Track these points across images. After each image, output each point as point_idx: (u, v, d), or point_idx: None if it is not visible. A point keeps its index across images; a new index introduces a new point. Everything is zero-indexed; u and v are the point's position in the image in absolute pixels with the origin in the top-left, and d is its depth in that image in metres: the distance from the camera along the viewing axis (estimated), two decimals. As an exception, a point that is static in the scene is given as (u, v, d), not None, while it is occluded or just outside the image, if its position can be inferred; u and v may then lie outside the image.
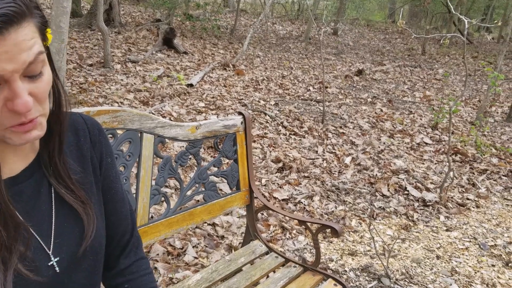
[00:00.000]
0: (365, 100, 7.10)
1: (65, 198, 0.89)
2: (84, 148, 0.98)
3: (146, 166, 1.62)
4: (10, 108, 0.70)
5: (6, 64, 0.66)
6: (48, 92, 0.77)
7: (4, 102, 0.70)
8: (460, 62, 12.10)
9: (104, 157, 1.02)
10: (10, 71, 0.67)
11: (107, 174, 1.03)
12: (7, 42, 0.65)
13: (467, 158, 4.74)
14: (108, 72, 6.41)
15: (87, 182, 0.97)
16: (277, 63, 9.38)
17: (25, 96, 0.70)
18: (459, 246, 3.09)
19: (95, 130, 1.01)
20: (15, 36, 0.66)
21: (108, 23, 9.16)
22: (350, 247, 2.93)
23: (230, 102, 5.87)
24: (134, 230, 1.13)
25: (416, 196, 3.72)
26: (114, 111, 1.49)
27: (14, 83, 0.68)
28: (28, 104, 0.70)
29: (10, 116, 0.71)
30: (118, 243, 1.09)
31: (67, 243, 0.90)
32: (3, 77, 0.67)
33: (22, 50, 0.68)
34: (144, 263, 1.14)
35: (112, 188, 1.05)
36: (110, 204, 1.04)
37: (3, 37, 0.65)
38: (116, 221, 1.06)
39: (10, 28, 0.65)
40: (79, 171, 0.95)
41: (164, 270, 2.35)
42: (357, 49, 12.98)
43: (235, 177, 2.04)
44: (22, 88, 0.70)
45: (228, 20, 14.50)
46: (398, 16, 23.38)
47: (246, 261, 1.97)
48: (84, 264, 0.93)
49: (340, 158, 4.42)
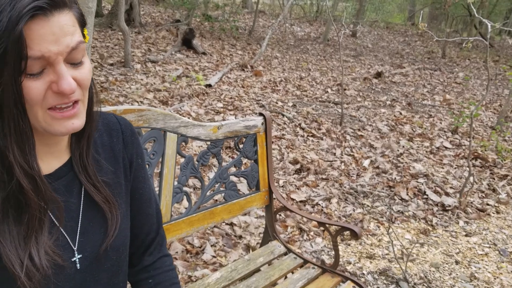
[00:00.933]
0: (384, 102, 7.05)
1: (94, 196, 0.92)
2: (116, 148, 1.00)
3: (169, 165, 1.64)
4: (55, 90, 0.73)
5: (51, 45, 0.69)
6: (89, 81, 0.80)
7: (49, 84, 0.73)
8: (480, 65, 11.93)
9: (135, 158, 1.04)
10: (55, 52, 0.70)
11: (136, 175, 1.05)
12: (51, 23, 0.69)
13: (488, 163, 4.68)
14: (129, 72, 6.49)
15: (117, 183, 0.99)
16: (295, 65, 9.37)
17: (69, 78, 0.73)
18: (478, 251, 3.05)
19: (128, 131, 1.03)
20: (58, 19, 0.70)
21: (128, 23, 9.26)
22: (368, 250, 2.92)
23: (248, 103, 5.89)
24: (160, 229, 1.14)
25: (435, 201, 3.69)
26: (139, 110, 1.51)
27: (58, 65, 0.72)
28: (72, 85, 0.73)
29: (54, 97, 0.74)
30: (143, 241, 1.11)
31: (91, 241, 0.92)
32: (48, 59, 0.70)
33: (65, 33, 0.71)
34: (168, 260, 1.16)
35: (140, 188, 1.06)
36: (136, 204, 1.06)
37: (48, 18, 0.68)
38: (141, 221, 1.08)
39: (54, 10, 0.69)
40: (110, 172, 0.97)
41: (183, 268, 2.38)
42: (376, 51, 12.89)
43: (255, 178, 2.05)
44: (65, 70, 0.73)
45: (247, 21, 14.54)
46: (418, 19, 23.15)
47: (265, 261, 1.98)
48: (106, 264, 0.95)
49: (359, 161, 4.41)
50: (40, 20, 0.68)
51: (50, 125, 0.76)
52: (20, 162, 0.74)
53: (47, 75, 0.72)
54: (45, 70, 0.72)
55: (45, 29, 0.68)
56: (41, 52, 0.68)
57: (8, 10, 0.65)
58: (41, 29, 0.68)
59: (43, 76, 0.72)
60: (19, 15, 0.65)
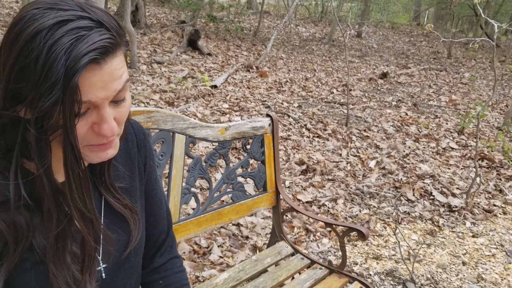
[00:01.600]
0: (389, 103, 7.04)
1: (114, 207, 0.93)
2: (132, 152, 1.01)
3: (177, 166, 1.65)
4: (97, 131, 0.74)
5: (99, 92, 0.69)
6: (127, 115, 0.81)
7: (91, 125, 0.73)
8: (486, 66, 11.88)
9: (148, 160, 1.05)
10: (101, 98, 0.70)
11: (149, 177, 1.06)
12: (103, 71, 0.69)
13: (494, 163, 4.66)
14: (135, 73, 6.51)
15: (134, 187, 1.00)
16: (300, 65, 9.37)
17: (112, 122, 0.73)
18: (485, 252, 3.04)
19: (140, 134, 1.04)
20: (110, 66, 0.70)
21: (134, 25, 9.30)
22: (374, 251, 2.92)
23: (254, 103, 5.90)
24: (170, 230, 1.16)
25: (442, 201, 3.68)
26: (148, 112, 1.53)
27: (103, 109, 0.72)
28: (114, 129, 0.74)
29: (94, 137, 0.75)
30: (155, 243, 1.12)
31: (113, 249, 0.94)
32: (94, 103, 0.70)
33: (114, 78, 0.71)
34: (178, 261, 1.17)
35: (152, 190, 1.08)
36: (149, 206, 1.07)
37: (100, 67, 0.68)
38: (153, 222, 1.09)
39: (106, 58, 0.69)
40: (127, 176, 0.98)
41: (191, 268, 2.39)
42: (381, 51, 12.87)
43: (262, 178, 2.06)
44: (109, 114, 0.73)
45: (252, 21, 14.56)
46: (423, 19, 23.09)
47: (272, 261, 1.98)
48: (125, 265, 0.97)
49: (365, 161, 4.40)
50: (93, 70, 0.67)
51: (86, 156, 0.78)
52: (78, 206, 0.76)
53: (90, 116, 0.73)
54: (89, 111, 0.72)
55: (96, 77, 0.68)
56: (88, 98, 0.68)
57: (64, 58, 0.64)
58: (93, 77, 0.68)
59: (86, 117, 0.72)
60: (75, 67, 0.64)
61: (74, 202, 0.75)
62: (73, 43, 0.64)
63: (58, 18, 0.65)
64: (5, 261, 0.76)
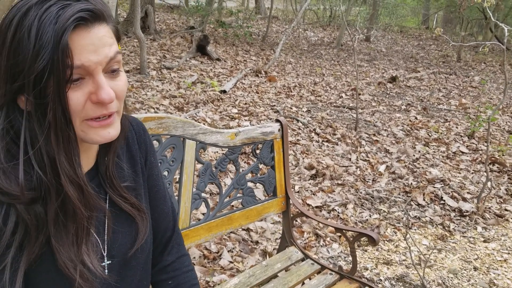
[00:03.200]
0: (399, 107, 7.01)
1: (120, 205, 0.94)
2: (133, 149, 1.02)
3: (188, 171, 1.66)
4: (94, 100, 0.76)
5: (91, 55, 0.73)
6: (125, 92, 0.83)
7: (88, 95, 0.76)
8: (496, 69, 11.80)
9: (149, 156, 1.06)
10: (94, 62, 0.73)
11: (151, 173, 1.07)
12: (92, 35, 0.73)
13: (505, 168, 4.62)
14: (144, 78, 6.56)
15: (138, 184, 1.01)
16: (309, 70, 9.38)
17: (108, 87, 0.76)
18: (497, 257, 3.01)
19: (140, 130, 1.06)
20: (98, 31, 0.74)
21: (143, 30, 9.37)
22: (385, 256, 2.91)
23: (263, 108, 5.92)
24: (176, 227, 1.16)
25: (453, 206, 3.66)
26: (159, 118, 1.54)
27: (97, 75, 0.75)
28: (111, 94, 0.76)
29: (93, 108, 0.77)
30: (161, 239, 1.12)
31: (118, 246, 0.94)
32: (88, 68, 0.73)
33: (104, 44, 0.75)
34: (187, 260, 1.17)
35: (155, 185, 1.08)
36: (153, 202, 1.08)
37: (88, 29, 0.73)
38: (158, 218, 1.09)
39: (94, 22, 0.74)
40: (131, 174, 0.99)
41: (201, 273, 2.40)
42: (390, 55, 12.83)
43: (272, 184, 2.06)
44: (104, 80, 0.76)
45: (260, 26, 14.60)
46: (432, 22, 22.98)
47: (282, 267, 1.99)
48: (133, 262, 0.97)
49: (374, 166, 4.39)
50: (81, 31, 0.72)
51: (86, 134, 0.79)
52: (67, 171, 0.77)
53: (86, 86, 0.75)
54: (84, 81, 0.75)
55: (86, 40, 0.72)
56: (81, 61, 0.72)
57: (54, 22, 0.69)
58: (82, 40, 0.72)
59: (82, 87, 0.75)
60: (63, 26, 0.69)
61: (62, 166, 0.76)
62: (61, 9, 0.70)
63: None
64: (26, 250, 0.77)
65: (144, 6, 9.89)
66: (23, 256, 0.77)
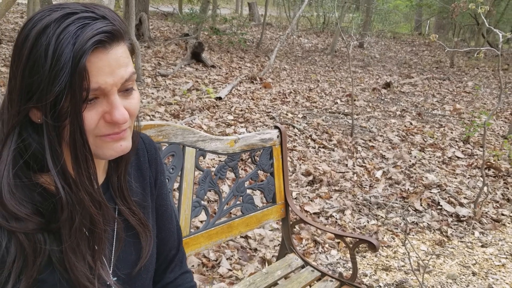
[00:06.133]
0: (393, 113, 7.04)
1: (129, 219, 0.93)
2: (143, 167, 1.02)
3: (188, 179, 1.65)
4: (108, 120, 0.76)
5: (107, 77, 0.72)
6: (138, 110, 0.83)
7: (102, 114, 0.75)
8: (489, 74, 11.88)
9: (159, 175, 1.06)
10: (110, 84, 0.73)
11: (160, 192, 1.06)
12: (109, 56, 0.72)
13: (501, 172, 4.64)
14: (139, 86, 6.55)
15: (146, 202, 1.00)
16: (304, 76, 9.40)
17: (122, 108, 0.76)
18: (495, 262, 3.02)
19: (152, 149, 1.05)
20: (115, 52, 0.73)
21: (138, 38, 9.37)
22: (384, 262, 2.90)
23: (258, 115, 5.92)
24: (180, 245, 1.16)
25: (450, 211, 3.66)
26: (159, 126, 1.54)
27: (112, 96, 0.75)
28: (125, 115, 0.76)
29: (106, 127, 0.77)
30: (165, 258, 1.11)
31: (124, 264, 0.93)
32: (104, 90, 0.73)
33: (120, 65, 0.74)
34: (189, 277, 1.17)
35: (163, 205, 1.08)
36: (160, 221, 1.07)
37: (106, 51, 0.72)
38: (164, 238, 1.09)
39: (112, 43, 0.73)
40: (140, 192, 0.99)
41: (200, 281, 2.38)
42: (384, 61, 12.90)
43: (271, 190, 2.06)
44: (119, 101, 0.76)
45: (254, 33, 14.64)
46: (425, 28, 23.16)
47: (282, 274, 1.97)
48: (137, 282, 0.96)
49: (371, 171, 4.40)
50: (99, 53, 0.71)
51: (100, 149, 0.79)
52: (87, 188, 0.77)
53: (100, 106, 0.75)
54: (99, 100, 0.74)
55: (103, 61, 0.72)
56: (98, 84, 0.71)
57: (72, 43, 0.68)
58: (100, 62, 0.71)
59: (96, 107, 0.74)
60: (82, 49, 0.68)
61: (83, 185, 0.76)
62: (80, 29, 0.69)
63: (65, 11, 0.70)
64: (24, 275, 0.76)
65: (138, 13, 9.90)
66: (22, 282, 0.76)
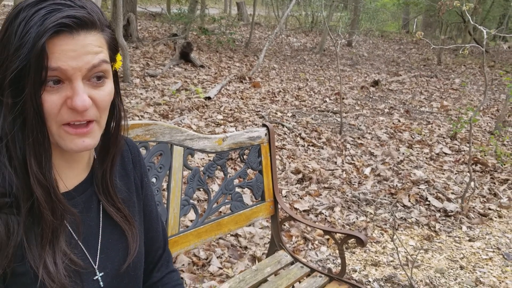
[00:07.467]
0: (382, 110, 7.09)
1: (112, 216, 0.94)
2: (128, 168, 1.03)
3: (176, 178, 1.66)
4: (69, 105, 0.75)
5: (71, 61, 0.73)
6: (108, 104, 0.82)
7: (64, 100, 0.75)
8: (476, 71, 12.02)
9: (144, 177, 1.08)
10: (73, 67, 0.73)
11: (145, 193, 1.08)
12: (75, 41, 0.73)
13: (488, 168, 4.70)
14: (128, 86, 6.52)
15: (131, 202, 1.01)
16: (293, 75, 9.43)
17: (83, 94, 0.75)
18: (482, 256, 3.06)
19: (135, 151, 1.07)
20: (84, 39, 0.74)
21: (126, 38, 9.32)
22: (373, 257, 2.93)
23: (248, 114, 5.93)
24: (166, 246, 1.18)
25: (438, 207, 3.71)
26: (146, 125, 1.54)
27: (75, 81, 0.75)
28: (86, 102, 0.75)
29: (68, 113, 0.76)
30: (152, 258, 1.13)
31: (111, 259, 0.94)
32: (66, 72, 0.73)
33: (88, 52, 0.75)
34: (175, 275, 1.19)
35: (149, 205, 1.10)
36: (147, 222, 1.09)
37: (72, 36, 0.73)
38: (151, 238, 1.11)
39: (80, 30, 0.74)
40: (124, 191, 1.00)
41: (190, 280, 2.39)
42: (372, 60, 12.99)
43: (260, 188, 2.07)
44: (81, 87, 0.75)
45: (243, 33, 14.65)
46: (412, 27, 23.34)
47: (272, 271, 1.99)
48: (125, 280, 0.97)
49: (360, 169, 4.43)
50: (64, 37, 0.72)
51: (62, 140, 0.79)
52: (35, 172, 0.77)
53: (64, 91, 0.75)
54: (64, 85, 0.75)
55: (68, 45, 0.73)
56: (57, 64, 0.72)
57: (38, 25, 0.70)
58: (64, 45, 0.72)
59: (60, 91, 0.75)
60: (44, 30, 0.70)
61: (31, 167, 0.76)
62: (49, 13, 0.71)
63: None
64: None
65: (126, 14, 9.85)
66: None
